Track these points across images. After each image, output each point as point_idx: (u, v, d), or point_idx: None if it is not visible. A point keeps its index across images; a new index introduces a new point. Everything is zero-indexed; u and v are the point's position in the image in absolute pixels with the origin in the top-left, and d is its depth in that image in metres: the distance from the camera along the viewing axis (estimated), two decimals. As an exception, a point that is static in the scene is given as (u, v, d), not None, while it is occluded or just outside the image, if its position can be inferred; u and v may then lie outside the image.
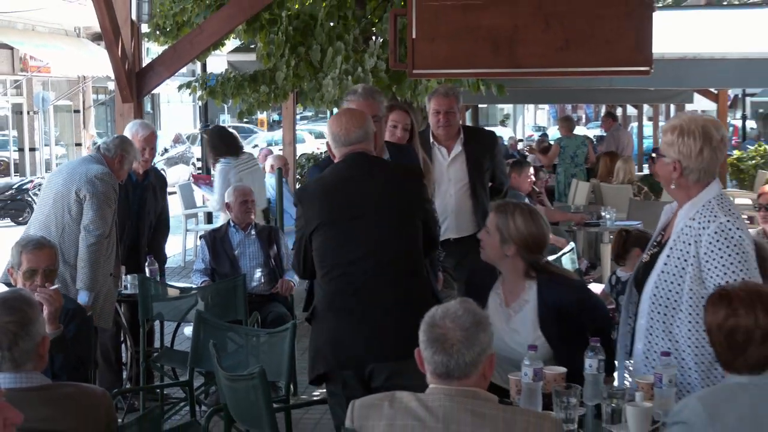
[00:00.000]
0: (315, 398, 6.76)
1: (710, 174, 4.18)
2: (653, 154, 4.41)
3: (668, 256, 4.19)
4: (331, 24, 10.64)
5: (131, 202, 7.53)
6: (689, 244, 4.11)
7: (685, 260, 4.11)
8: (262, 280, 7.88)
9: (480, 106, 25.95)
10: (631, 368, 4.38)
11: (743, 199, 16.02)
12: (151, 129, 7.63)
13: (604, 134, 20.52)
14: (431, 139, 7.18)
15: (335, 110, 16.77)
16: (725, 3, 21.33)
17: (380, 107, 5.75)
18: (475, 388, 3.29)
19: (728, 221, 4.07)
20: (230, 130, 10.45)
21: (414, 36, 7.26)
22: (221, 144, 9.83)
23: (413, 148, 6.23)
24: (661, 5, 16.83)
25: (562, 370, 4.24)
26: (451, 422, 3.21)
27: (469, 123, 27.02)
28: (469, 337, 3.25)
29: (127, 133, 7.39)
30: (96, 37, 29.63)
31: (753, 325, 3.35)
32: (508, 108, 52.08)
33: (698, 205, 4.17)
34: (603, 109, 25.35)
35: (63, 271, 6.27)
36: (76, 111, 32.78)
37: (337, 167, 4.93)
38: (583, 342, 4.44)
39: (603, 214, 10.86)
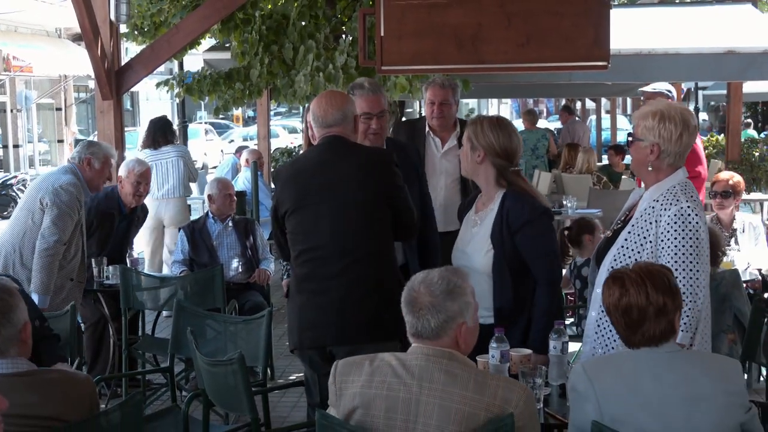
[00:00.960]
0: (291, 381, 6.73)
1: (682, 158, 4.32)
2: (629, 138, 4.45)
3: (629, 232, 4.32)
4: (303, 23, 10.63)
5: (117, 229, 7.54)
6: (650, 223, 4.24)
7: (645, 237, 4.24)
8: (240, 270, 7.91)
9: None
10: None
11: (697, 188, 16.09)
12: (147, 166, 7.64)
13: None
14: (427, 129, 6.82)
15: (308, 106, 16.80)
16: (677, 1, 21.39)
17: (386, 102, 5.81)
18: (452, 350, 3.35)
19: (689, 207, 4.19)
20: (163, 122, 10.72)
21: (382, 34, 7.25)
22: (146, 136, 10.58)
23: (412, 146, 6.15)
24: (617, 3, 16.87)
25: (528, 351, 4.25)
26: (424, 380, 3.28)
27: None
28: (436, 305, 3.33)
29: (123, 169, 7.45)
30: (76, 38, 29.45)
31: (645, 303, 3.40)
32: (473, 103, 52.08)
33: (663, 188, 4.28)
34: (564, 103, 25.41)
35: (20, 273, 6.28)
36: (58, 109, 32.62)
37: (311, 150, 4.92)
38: (525, 269, 4.52)
39: (564, 202, 10.91)
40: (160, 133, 10.36)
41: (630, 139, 4.44)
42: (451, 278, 3.39)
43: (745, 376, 5.29)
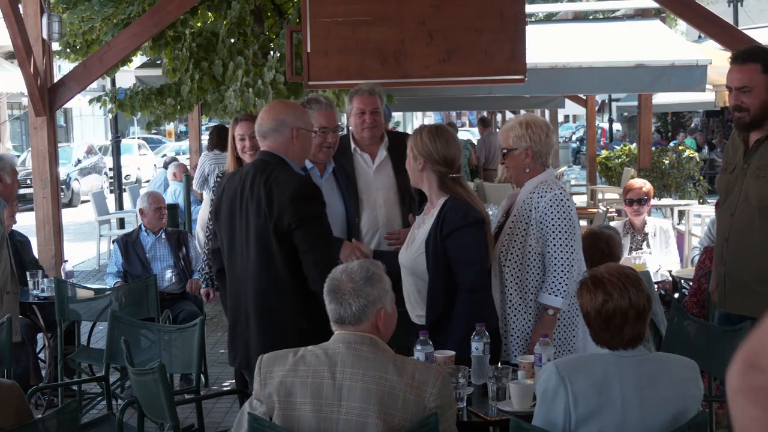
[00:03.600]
0: (225, 389, 6.70)
1: (550, 157, 4.87)
2: (504, 152, 4.91)
3: (513, 222, 4.84)
4: (232, 40, 10.58)
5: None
6: (530, 210, 4.78)
7: (527, 222, 4.77)
8: (173, 280, 7.88)
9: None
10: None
11: (612, 194, 16.34)
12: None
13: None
14: (353, 145, 6.00)
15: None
16: (591, 17, 21.70)
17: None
18: (373, 336, 3.43)
19: (561, 193, 4.77)
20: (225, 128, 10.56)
21: (309, 50, 7.29)
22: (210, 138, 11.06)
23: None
24: (533, 20, 17.04)
25: (451, 353, 4.28)
26: (346, 365, 3.36)
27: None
28: (357, 290, 3.43)
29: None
30: (9, 56, 28.91)
31: (627, 306, 3.41)
32: (398, 116, 52.28)
33: (537, 182, 4.81)
34: (483, 115, 25.61)
35: None
36: (-8, 125, 32.02)
37: (240, 171, 4.74)
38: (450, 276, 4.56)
39: (487, 210, 10.97)
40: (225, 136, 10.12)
41: (504, 152, 4.87)
42: (370, 267, 3.52)
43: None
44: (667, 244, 7.83)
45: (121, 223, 16.37)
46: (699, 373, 3.52)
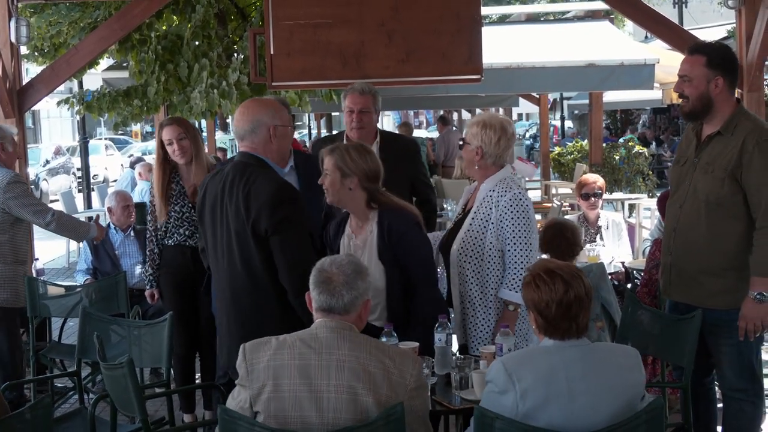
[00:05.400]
0: (196, 383, 6.64)
1: (504, 159, 4.91)
2: (461, 142, 5.03)
3: (473, 219, 4.87)
4: (197, 43, 10.54)
5: None
6: (490, 208, 4.83)
7: (487, 220, 4.82)
8: (142, 277, 7.78)
9: (333, 114, 25.98)
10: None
11: (565, 189, 16.43)
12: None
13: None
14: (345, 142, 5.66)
15: (203, 121, 16.60)
16: (543, 19, 21.78)
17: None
18: (352, 324, 3.49)
19: (520, 193, 4.83)
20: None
21: (272, 52, 7.27)
22: None
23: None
24: (488, 21, 17.09)
25: (415, 344, 4.27)
26: (332, 347, 3.39)
27: (323, 130, 27.07)
28: (349, 282, 3.48)
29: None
30: (-23, 59, 28.59)
31: (583, 294, 3.43)
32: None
33: (496, 180, 4.86)
34: (443, 114, 25.65)
35: None
36: (-39, 128, 31.58)
37: (221, 172, 4.54)
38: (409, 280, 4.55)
39: (445, 206, 11.01)
40: None
41: (461, 142, 5.02)
42: (355, 261, 3.60)
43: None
44: (620, 236, 7.88)
45: (90, 222, 16.24)
46: (640, 360, 3.54)
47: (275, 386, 3.35)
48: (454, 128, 21.08)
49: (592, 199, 7.89)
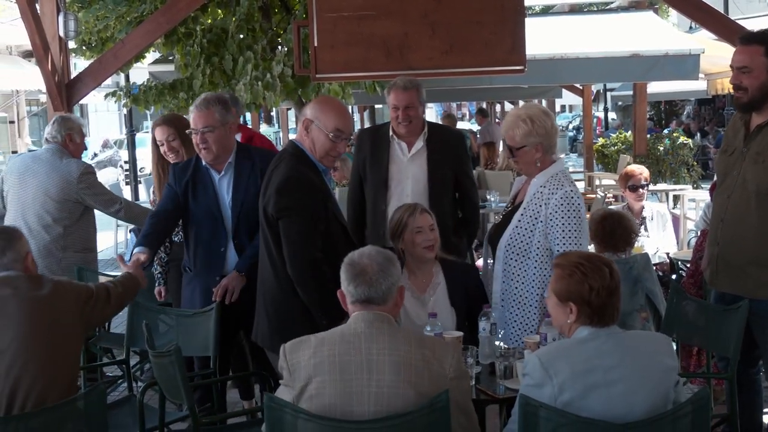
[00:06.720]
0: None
1: (556, 147, 4.73)
2: (511, 150, 4.75)
3: (522, 214, 4.67)
4: (241, 36, 10.59)
5: None
6: (540, 206, 4.62)
7: (536, 218, 4.62)
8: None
9: (376, 106, 25.98)
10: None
11: (608, 180, 16.31)
12: None
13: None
14: (390, 133, 5.97)
15: (248, 114, 16.65)
16: (586, 10, 21.62)
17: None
18: (389, 315, 3.47)
19: (571, 191, 4.61)
20: None
21: (315, 44, 7.26)
22: None
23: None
24: (531, 12, 17.01)
25: (460, 334, 4.28)
26: (372, 342, 3.36)
27: (367, 123, 27.09)
28: (384, 270, 3.46)
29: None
30: (27, 55, 28.89)
31: (618, 281, 3.46)
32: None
33: (548, 175, 4.65)
34: (484, 106, 25.55)
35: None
36: (11, 122, 32.00)
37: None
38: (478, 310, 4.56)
39: (488, 197, 10.98)
40: None
41: (511, 149, 4.73)
42: (382, 250, 3.57)
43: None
44: (664, 227, 7.81)
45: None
46: (672, 346, 3.53)
47: (317, 384, 3.35)
48: (496, 120, 21.01)
49: (640, 190, 7.82)
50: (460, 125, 27.99)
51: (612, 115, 38.44)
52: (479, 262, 5.24)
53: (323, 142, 4.55)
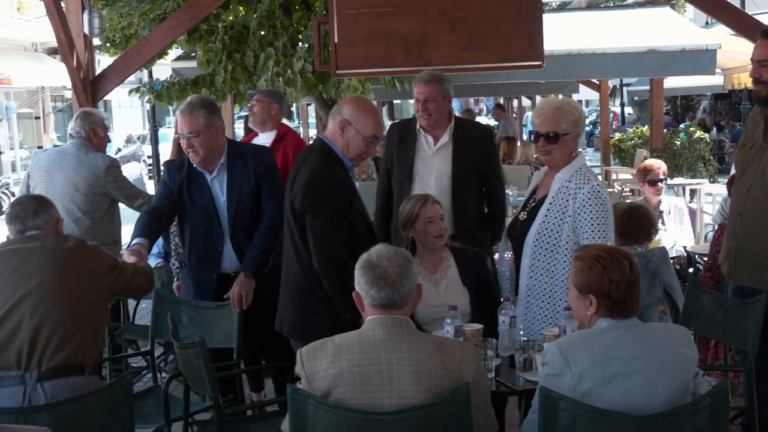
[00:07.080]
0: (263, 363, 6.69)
1: None
2: (552, 136, 4.58)
3: (548, 210, 4.59)
4: (262, 33, 10.60)
5: None
6: (566, 200, 4.55)
7: (564, 212, 4.55)
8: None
9: (395, 102, 25.96)
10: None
11: (625, 174, 16.26)
12: None
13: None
14: (418, 126, 5.93)
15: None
16: (603, 6, 21.55)
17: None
18: (407, 318, 3.39)
19: (598, 185, 4.57)
20: None
21: (336, 41, 7.27)
22: None
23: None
24: (547, 9, 16.96)
25: (479, 326, 4.27)
26: (392, 351, 3.28)
27: (385, 118, 27.09)
28: (405, 271, 3.37)
29: None
30: (52, 51, 29.10)
31: (638, 274, 3.45)
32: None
33: (572, 170, 4.58)
34: (501, 101, 25.49)
35: None
36: (37, 117, 32.21)
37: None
38: (491, 298, 4.66)
39: (507, 191, 10.94)
40: None
41: (551, 136, 4.58)
42: (399, 250, 3.46)
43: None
44: (682, 221, 7.77)
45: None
46: (691, 338, 3.52)
47: (338, 395, 3.29)
48: (513, 115, 20.97)
49: (659, 184, 7.78)
50: (478, 119, 27.92)
51: (628, 109, 38.28)
52: (496, 256, 5.21)
53: (359, 145, 4.58)
